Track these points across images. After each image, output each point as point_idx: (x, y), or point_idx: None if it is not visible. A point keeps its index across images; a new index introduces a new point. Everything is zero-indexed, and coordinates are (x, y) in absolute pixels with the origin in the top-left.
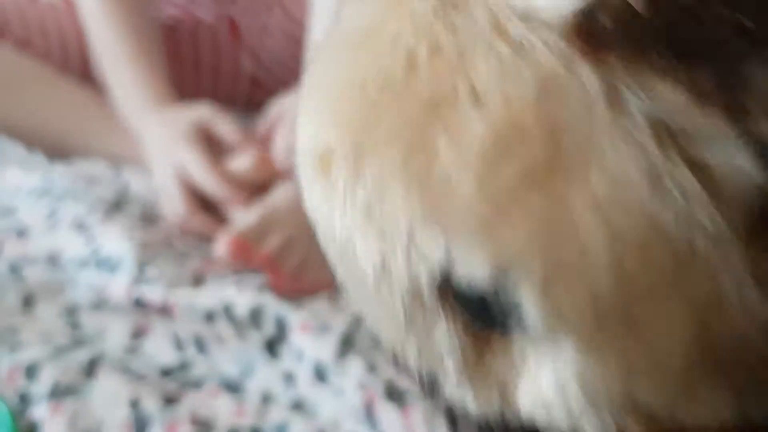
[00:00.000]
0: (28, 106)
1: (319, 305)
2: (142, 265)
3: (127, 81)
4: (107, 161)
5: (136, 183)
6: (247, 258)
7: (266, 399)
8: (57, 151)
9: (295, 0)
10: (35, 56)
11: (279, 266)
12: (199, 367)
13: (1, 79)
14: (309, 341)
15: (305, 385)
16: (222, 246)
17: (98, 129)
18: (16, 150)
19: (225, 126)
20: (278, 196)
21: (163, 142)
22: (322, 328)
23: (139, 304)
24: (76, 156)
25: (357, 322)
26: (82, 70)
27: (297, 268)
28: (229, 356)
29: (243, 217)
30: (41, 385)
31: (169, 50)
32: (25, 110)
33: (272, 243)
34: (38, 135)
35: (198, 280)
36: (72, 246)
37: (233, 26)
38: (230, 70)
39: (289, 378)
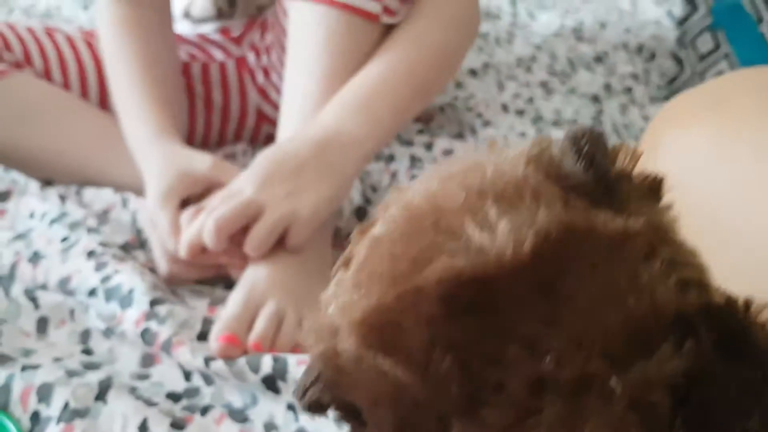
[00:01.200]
0: (48, 132)
1: None
2: (152, 303)
3: (133, 111)
4: (121, 191)
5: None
6: (239, 351)
7: (270, 428)
8: (74, 177)
9: None
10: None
11: (273, 347)
12: (206, 395)
13: (22, 104)
14: None
15: (308, 416)
16: (213, 344)
17: (116, 157)
18: (30, 185)
19: (231, 176)
20: (253, 271)
21: (149, 189)
22: None
23: (145, 339)
24: (94, 183)
25: None
26: (100, 101)
27: (294, 336)
28: (233, 388)
29: (226, 307)
30: (53, 407)
31: (185, 87)
32: (44, 135)
33: (261, 325)
34: (56, 160)
35: (206, 325)
36: (83, 274)
37: (241, 64)
38: (239, 106)
39: (291, 409)
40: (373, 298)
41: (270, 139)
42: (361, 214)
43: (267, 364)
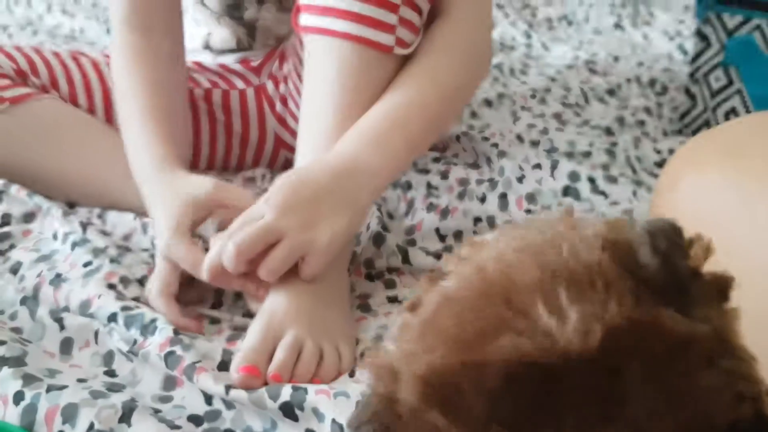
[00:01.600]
0: (72, 155)
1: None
2: (176, 332)
3: (138, 140)
4: (142, 216)
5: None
6: (260, 382)
7: None
8: (97, 200)
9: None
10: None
11: (294, 378)
12: (226, 419)
13: (47, 127)
14: (326, 403)
15: None
16: (233, 375)
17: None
18: (52, 210)
19: (232, 195)
20: (272, 301)
21: (158, 222)
22: (339, 394)
23: (169, 363)
24: (116, 207)
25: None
26: None
27: (314, 365)
28: (253, 414)
29: (246, 338)
30: (78, 429)
31: (207, 113)
32: (68, 158)
33: (280, 356)
34: (80, 183)
35: (227, 355)
36: (103, 299)
37: (260, 92)
38: (257, 132)
39: None
40: (438, 357)
41: (288, 164)
42: (378, 240)
43: (286, 392)
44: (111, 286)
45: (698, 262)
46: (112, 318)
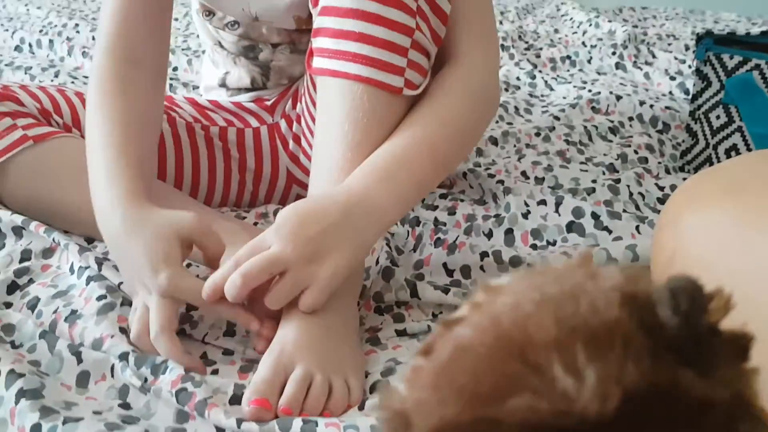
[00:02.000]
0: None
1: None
2: (187, 370)
3: (106, 170)
4: None
5: None
6: (271, 415)
7: None
8: None
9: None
10: None
11: (304, 411)
12: None
13: (68, 164)
14: None
15: None
16: (245, 408)
17: None
18: (70, 245)
19: (209, 240)
20: (282, 335)
21: (142, 256)
22: (349, 427)
23: (180, 399)
24: None
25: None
26: None
27: (323, 399)
28: None
29: (257, 372)
30: None
31: (222, 150)
32: (88, 194)
33: (291, 389)
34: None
35: (238, 389)
36: (115, 338)
37: (274, 131)
38: (270, 169)
39: None
40: (451, 410)
41: (299, 199)
42: (387, 274)
43: (296, 425)
44: (123, 330)
45: (717, 319)
46: (124, 357)
